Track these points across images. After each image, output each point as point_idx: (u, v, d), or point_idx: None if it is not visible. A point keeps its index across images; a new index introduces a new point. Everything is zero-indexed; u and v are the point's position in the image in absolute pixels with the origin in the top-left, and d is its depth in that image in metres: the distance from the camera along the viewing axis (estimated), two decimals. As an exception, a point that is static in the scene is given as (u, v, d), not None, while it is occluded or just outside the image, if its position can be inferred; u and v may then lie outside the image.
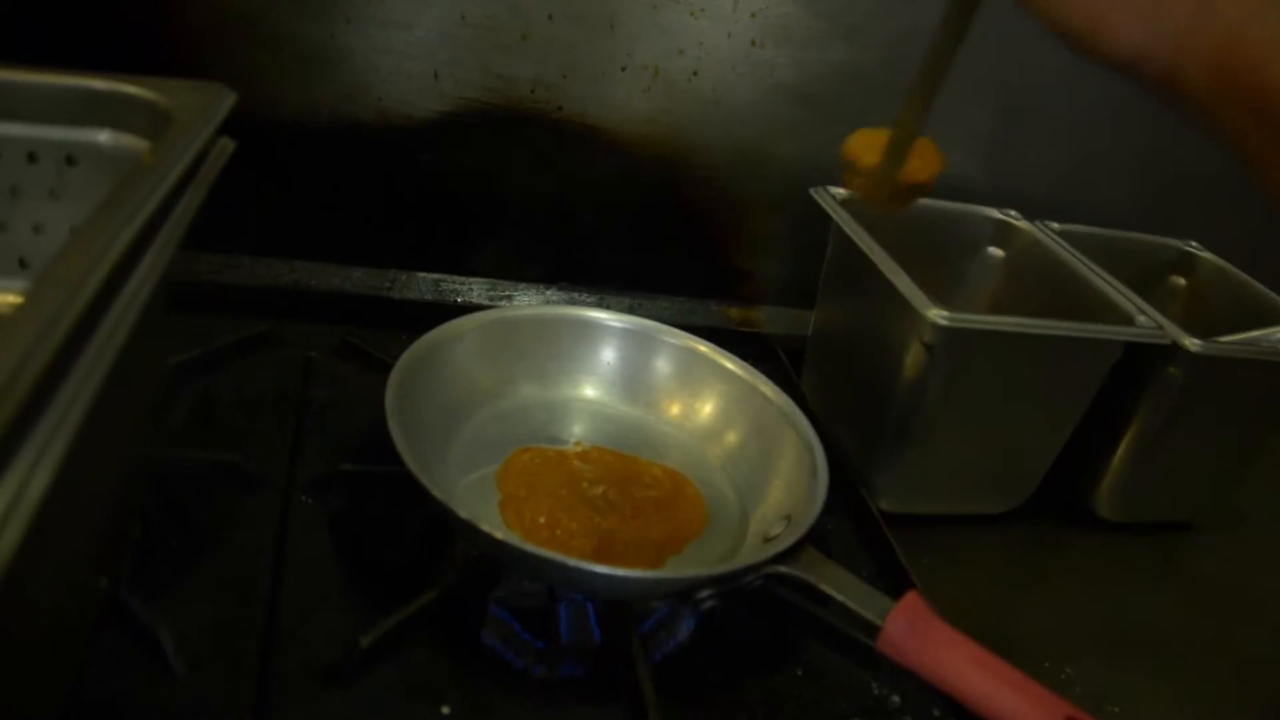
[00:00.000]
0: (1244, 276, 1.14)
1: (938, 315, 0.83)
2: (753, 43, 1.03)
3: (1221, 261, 1.17)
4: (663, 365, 0.93)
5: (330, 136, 1.01)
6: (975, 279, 1.13)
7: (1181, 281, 1.20)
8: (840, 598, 0.70)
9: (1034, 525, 1.03)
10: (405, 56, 0.98)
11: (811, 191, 1.04)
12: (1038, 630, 0.91)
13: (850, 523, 0.93)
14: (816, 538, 0.87)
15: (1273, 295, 1.09)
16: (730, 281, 1.17)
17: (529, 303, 1.09)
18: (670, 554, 0.78)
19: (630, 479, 0.83)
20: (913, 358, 0.87)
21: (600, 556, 0.75)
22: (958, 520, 1.00)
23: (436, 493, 0.67)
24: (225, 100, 0.70)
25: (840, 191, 1.04)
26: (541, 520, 0.75)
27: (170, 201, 0.59)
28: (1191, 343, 0.91)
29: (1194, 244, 1.19)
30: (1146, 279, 1.12)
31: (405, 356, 0.80)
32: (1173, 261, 1.19)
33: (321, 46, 0.97)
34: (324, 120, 1.00)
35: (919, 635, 0.68)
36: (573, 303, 1.10)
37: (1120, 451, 1.00)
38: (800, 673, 0.76)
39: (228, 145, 0.70)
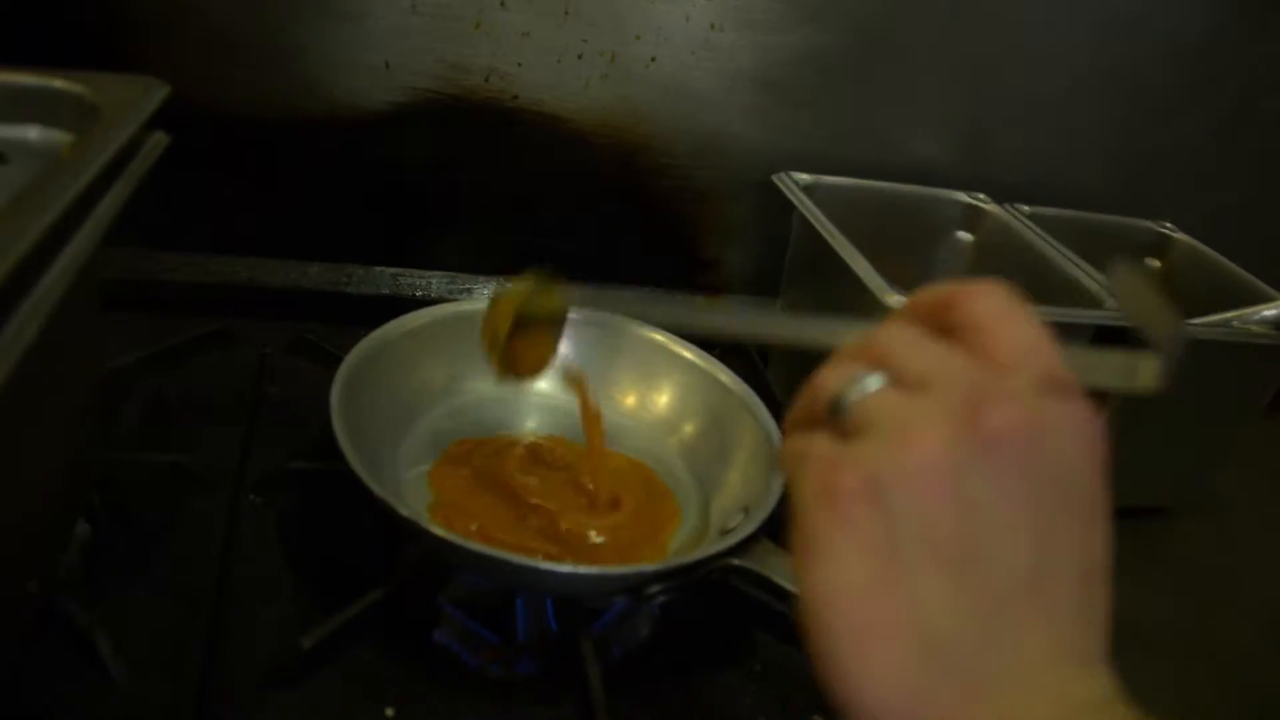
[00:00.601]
0: (1218, 257, 1.12)
1: (896, 300, 0.81)
2: (712, 27, 1.01)
3: (1196, 242, 1.16)
4: (619, 356, 0.91)
5: (283, 130, 0.99)
6: (945, 263, 1.12)
7: (1156, 263, 1.18)
8: (793, 590, 0.68)
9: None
10: (356, 47, 0.96)
11: (774, 178, 1.03)
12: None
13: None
14: (778, 530, 0.87)
15: (1247, 276, 1.07)
16: (695, 271, 1.15)
17: (489, 295, 1.07)
18: (645, 548, 0.77)
19: (582, 473, 0.82)
20: (872, 344, 0.86)
21: (562, 553, 0.73)
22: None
23: (378, 490, 0.66)
24: (156, 94, 0.68)
25: (804, 177, 1.03)
26: (474, 528, 0.74)
27: (92, 196, 0.57)
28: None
29: (1168, 225, 1.18)
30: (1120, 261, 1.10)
31: (353, 353, 0.79)
32: (1147, 243, 1.18)
33: (271, 39, 0.95)
34: (276, 114, 0.99)
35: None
36: (534, 295, 1.08)
37: (1090, 436, 0.99)
38: (758, 668, 0.75)
39: (161, 140, 0.68)
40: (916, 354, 0.40)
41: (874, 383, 0.40)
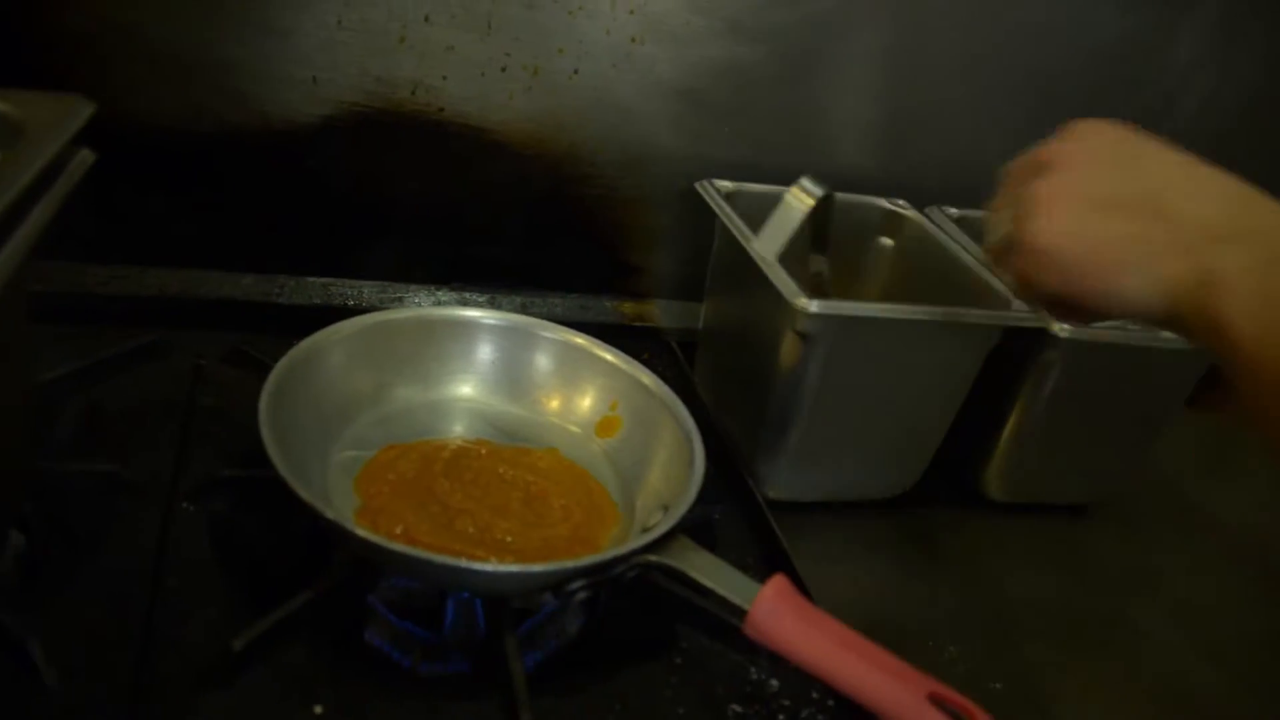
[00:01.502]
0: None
1: (806, 304, 0.84)
2: (632, 40, 1.04)
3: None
4: (542, 360, 0.94)
5: (213, 144, 1.00)
6: (867, 268, 1.15)
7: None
8: (708, 583, 0.71)
9: (924, 508, 1.05)
10: (284, 62, 0.98)
11: (697, 186, 1.05)
12: (923, 612, 0.93)
13: (738, 511, 0.94)
14: (704, 526, 0.89)
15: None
16: (622, 277, 1.18)
17: (420, 304, 1.09)
18: (580, 551, 0.79)
19: (511, 475, 0.84)
20: (788, 347, 0.89)
21: (488, 555, 0.75)
22: (847, 506, 1.02)
23: (305, 495, 0.68)
24: (81, 112, 0.69)
25: (726, 184, 1.06)
26: (399, 530, 0.75)
27: (16, 214, 0.58)
28: (1060, 328, 0.93)
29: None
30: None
31: (282, 362, 0.80)
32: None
33: (200, 55, 0.96)
34: (208, 128, 1.00)
35: (785, 617, 0.69)
36: (464, 302, 1.10)
37: (1006, 434, 1.02)
38: (679, 661, 0.78)
39: (87, 157, 0.70)
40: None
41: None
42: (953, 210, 1.13)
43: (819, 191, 0.87)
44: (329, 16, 0.97)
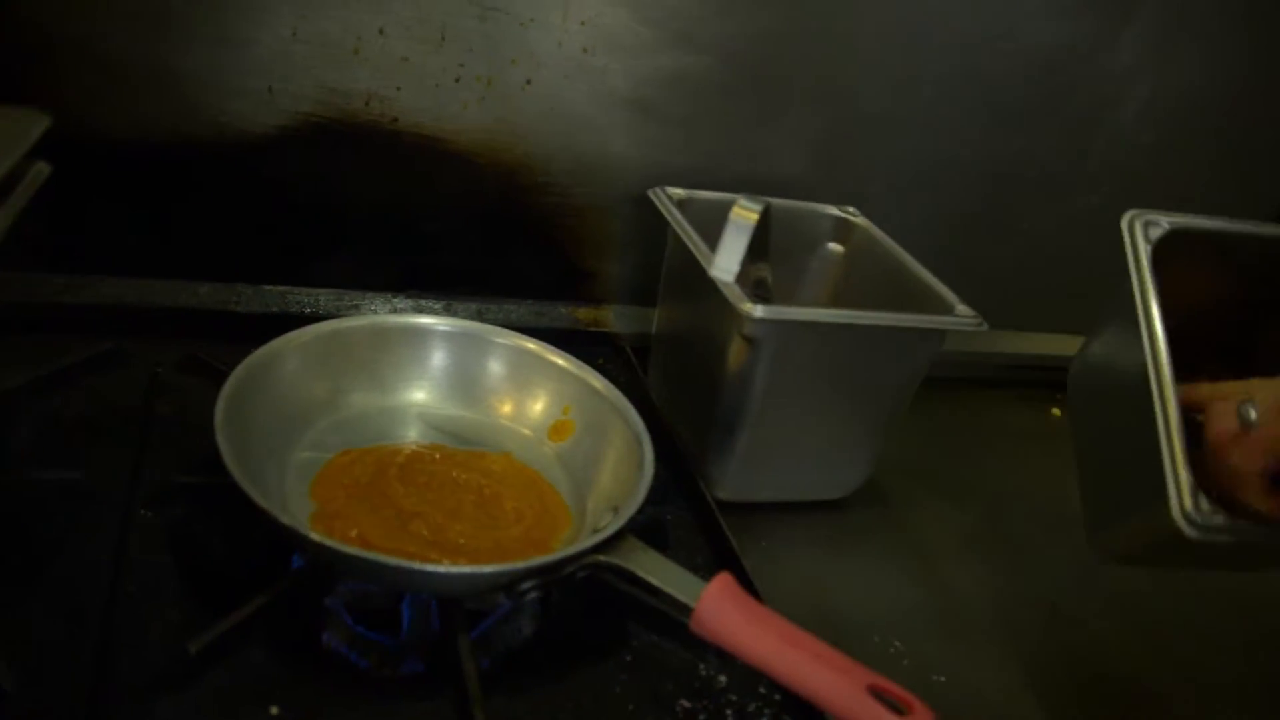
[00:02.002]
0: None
1: (751, 309, 0.86)
2: (584, 50, 1.06)
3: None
4: (494, 365, 0.95)
5: (170, 154, 1.01)
6: (818, 273, 1.18)
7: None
8: (656, 582, 0.73)
9: (872, 508, 1.07)
10: (240, 73, 0.99)
11: (649, 193, 1.07)
12: (869, 608, 0.95)
13: (690, 512, 0.96)
14: (656, 527, 0.91)
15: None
16: (577, 283, 1.20)
17: (376, 311, 1.10)
18: (533, 554, 0.80)
19: (464, 479, 0.86)
20: (735, 351, 0.91)
21: (442, 557, 0.77)
22: (797, 506, 1.04)
23: (260, 500, 0.69)
24: (37, 124, 0.71)
25: (678, 192, 1.08)
26: (354, 534, 0.77)
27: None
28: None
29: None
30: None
31: (238, 370, 0.82)
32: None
33: (156, 66, 0.97)
34: (164, 138, 1.01)
35: (729, 614, 0.71)
36: (420, 309, 1.12)
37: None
38: (629, 658, 0.80)
39: (43, 169, 0.71)
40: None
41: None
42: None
43: (759, 206, 0.89)
44: (284, 28, 0.98)
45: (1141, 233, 0.77)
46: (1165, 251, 0.77)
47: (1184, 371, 0.73)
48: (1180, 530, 0.68)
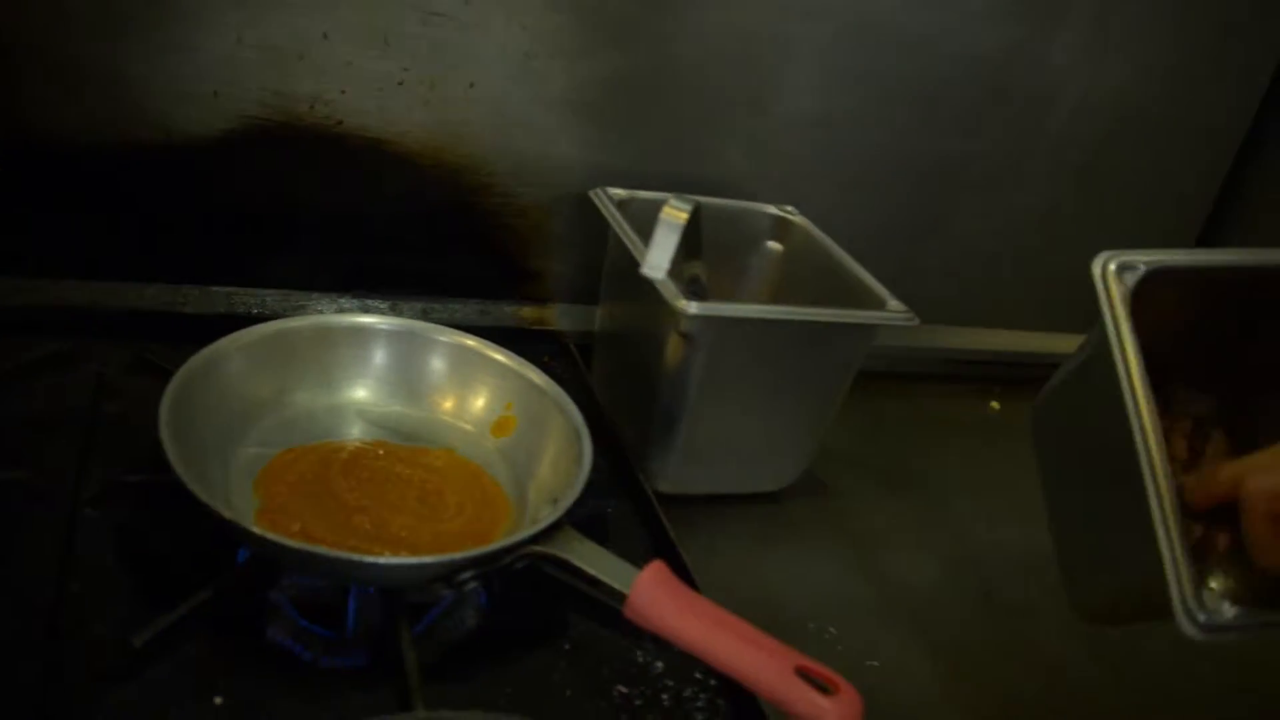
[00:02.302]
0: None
1: (686, 306, 0.88)
2: (525, 54, 1.07)
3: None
4: (436, 363, 0.97)
5: (116, 157, 1.02)
6: (758, 271, 1.20)
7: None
8: (591, 570, 0.75)
9: (810, 499, 1.10)
10: (187, 78, 1.00)
11: (590, 193, 1.09)
12: (806, 596, 0.98)
13: (631, 505, 0.99)
14: (597, 520, 0.93)
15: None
16: (522, 282, 1.21)
17: (323, 311, 1.12)
18: (474, 541, 0.81)
19: (407, 474, 0.87)
20: (673, 348, 0.93)
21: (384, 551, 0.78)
22: (736, 499, 1.06)
23: (203, 495, 0.71)
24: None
25: (619, 192, 1.10)
26: (296, 529, 0.78)
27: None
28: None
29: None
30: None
31: (183, 369, 0.83)
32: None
33: (104, 71, 0.98)
34: (112, 142, 1.02)
35: (661, 600, 0.73)
36: (366, 309, 1.13)
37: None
38: (568, 647, 0.82)
39: (-15, 173, 0.72)
40: None
41: None
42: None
43: (689, 205, 0.92)
44: (230, 34, 0.99)
45: (1115, 278, 0.68)
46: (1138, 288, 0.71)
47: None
48: (1183, 630, 0.62)
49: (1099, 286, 0.68)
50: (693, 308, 0.89)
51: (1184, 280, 0.71)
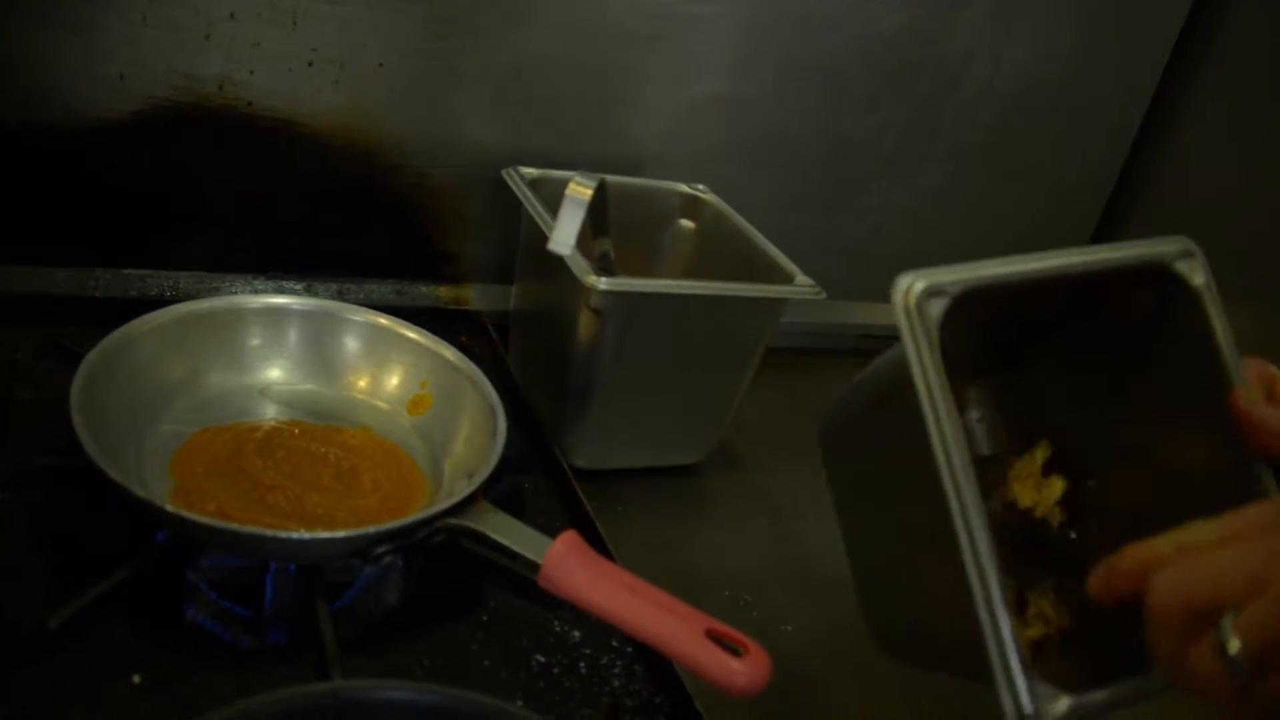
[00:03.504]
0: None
1: (595, 282, 0.90)
2: (435, 33, 1.08)
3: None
4: (349, 341, 0.97)
5: (21, 141, 1.01)
6: (670, 249, 1.22)
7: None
8: (505, 541, 0.77)
9: (726, 472, 1.12)
10: (89, 59, 0.99)
11: (503, 173, 1.10)
12: (721, 565, 1.00)
13: (548, 481, 1.00)
14: (515, 496, 0.94)
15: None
16: (438, 262, 1.22)
17: (237, 293, 1.11)
18: (390, 516, 0.82)
19: (322, 453, 0.88)
20: (584, 323, 0.95)
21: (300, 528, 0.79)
22: (652, 472, 1.08)
23: (115, 475, 0.71)
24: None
25: (531, 171, 1.11)
26: (211, 508, 0.79)
27: None
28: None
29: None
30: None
31: (94, 352, 0.82)
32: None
33: (2, 53, 0.97)
34: (13, 125, 1.00)
35: (574, 568, 0.75)
36: (281, 290, 1.13)
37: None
38: (485, 618, 0.83)
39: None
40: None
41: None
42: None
43: (592, 182, 0.93)
44: (133, 13, 0.98)
45: (917, 306, 0.58)
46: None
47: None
48: None
49: (900, 315, 0.58)
50: (602, 283, 0.90)
51: (982, 294, 0.61)
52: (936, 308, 0.58)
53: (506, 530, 0.77)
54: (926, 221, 1.46)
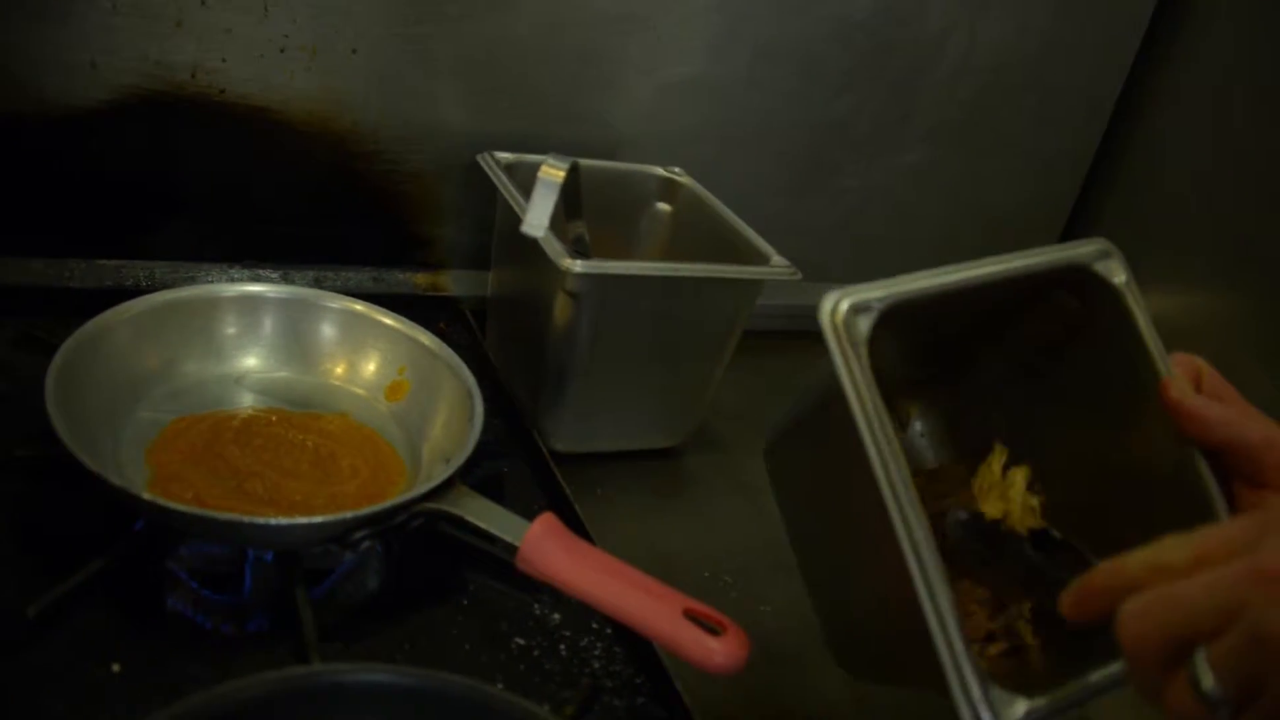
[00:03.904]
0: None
1: (571, 264, 0.90)
2: (407, 18, 1.07)
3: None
4: (325, 329, 0.97)
5: (-10, 130, 1.01)
6: (647, 232, 1.22)
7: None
8: (483, 525, 0.77)
9: (705, 454, 1.12)
10: (60, 47, 0.98)
11: (478, 158, 1.10)
12: (701, 547, 1.00)
13: (527, 465, 1.00)
14: (494, 480, 0.95)
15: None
16: (414, 249, 1.22)
17: (213, 282, 1.11)
18: (368, 502, 0.82)
19: (300, 440, 0.88)
20: (560, 307, 0.95)
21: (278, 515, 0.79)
22: (631, 455, 1.09)
23: (92, 464, 0.71)
24: None
25: (507, 156, 1.10)
26: (189, 496, 0.79)
27: None
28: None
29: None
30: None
31: (69, 341, 0.82)
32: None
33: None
34: (-16, 115, 1.00)
35: (551, 550, 0.75)
36: (256, 279, 1.13)
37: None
38: (466, 602, 0.83)
39: None
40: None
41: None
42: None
43: (565, 164, 0.93)
44: (103, 1, 0.98)
45: (845, 323, 0.58)
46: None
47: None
48: None
49: (828, 333, 0.58)
50: (578, 266, 0.90)
51: (912, 308, 0.62)
52: (864, 323, 0.59)
53: (484, 514, 0.78)
54: (904, 202, 1.46)
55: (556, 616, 0.84)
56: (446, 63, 1.12)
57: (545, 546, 0.75)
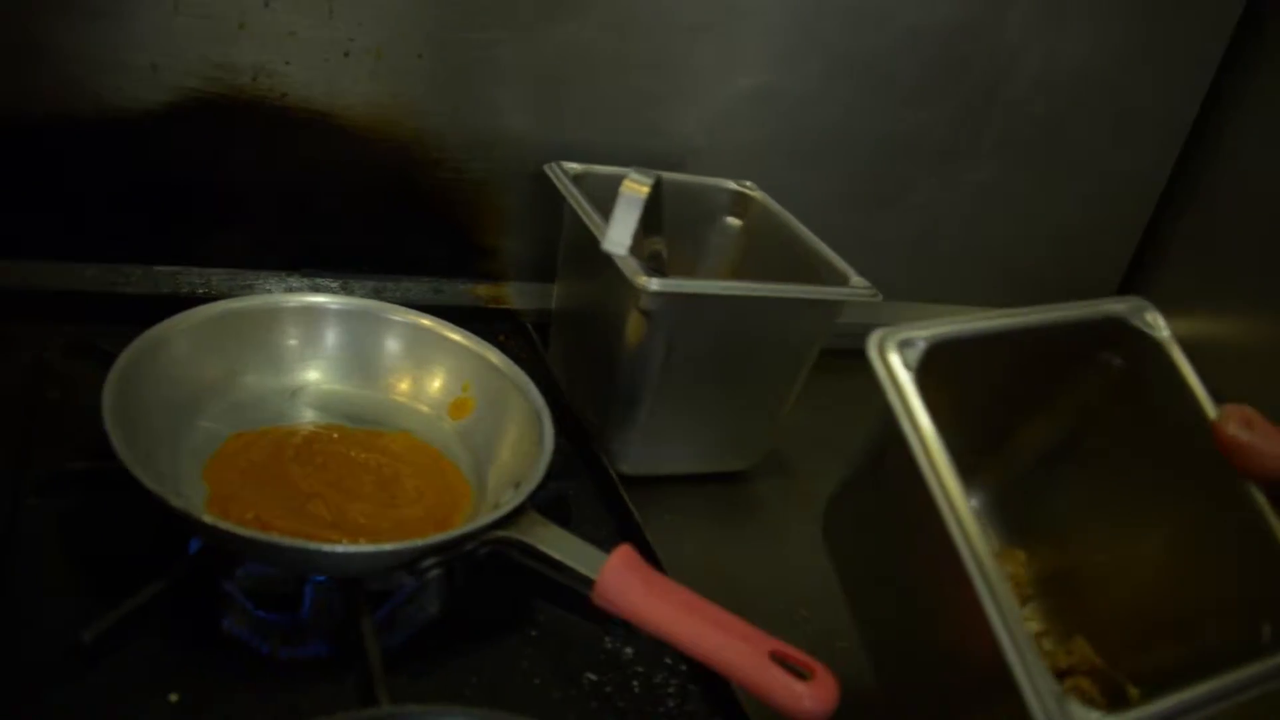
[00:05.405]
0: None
1: (647, 282, 0.86)
2: (476, 22, 1.05)
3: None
4: (391, 344, 0.94)
5: (48, 132, 0.98)
6: (717, 247, 1.18)
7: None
8: (557, 555, 0.73)
9: (775, 478, 1.08)
10: (119, 48, 0.96)
11: (545, 168, 1.07)
12: (773, 576, 0.97)
13: (593, 487, 0.97)
14: (558, 503, 0.91)
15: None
16: (476, 259, 1.19)
17: (271, 291, 1.08)
18: (435, 527, 0.79)
19: (363, 459, 0.85)
20: (633, 325, 0.91)
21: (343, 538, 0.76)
22: (700, 479, 1.05)
23: (150, 483, 0.68)
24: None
25: (574, 167, 1.07)
26: (250, 516, 0.76)
27: None
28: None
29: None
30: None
31: (127, 352, 0.80)
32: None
33: (29, 40, 0.94)
34: (44, 116, 0.98)
35: (630, 585, 0.71)
36: (316, 288, 1.10)
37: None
38: (535, 634, 0.80)
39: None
40: None
41: None
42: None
43: (649, 179, 0.90)
44: (165, 2, 0.95)
45: (898, 358, 0.60)
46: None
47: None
48: None
49: (877, 369, 0.60)
50: (654, 284, 0.87)
51: (962, 350, 0.63)
52: (911, 356, 0.60)
53: (558, 544, 0.74)
54: (973, 218, 1.42)
55: (629, 651, 0.80)
56: (513, 69, 1.09)
57: (624, 580, 0.71)
